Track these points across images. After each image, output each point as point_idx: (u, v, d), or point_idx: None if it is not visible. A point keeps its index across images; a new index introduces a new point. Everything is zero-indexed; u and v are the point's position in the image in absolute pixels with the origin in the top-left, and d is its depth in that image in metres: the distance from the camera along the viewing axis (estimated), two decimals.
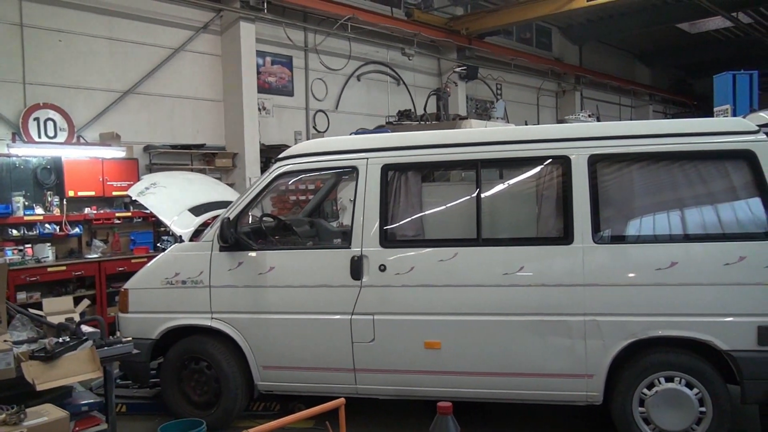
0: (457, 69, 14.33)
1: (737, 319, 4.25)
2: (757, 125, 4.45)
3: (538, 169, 4.87)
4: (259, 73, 11.13)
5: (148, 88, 9.71)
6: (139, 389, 5.91)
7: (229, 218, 5.02)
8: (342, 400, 3.60)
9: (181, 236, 5.37)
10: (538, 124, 16.18)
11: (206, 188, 6.40)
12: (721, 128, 4.59)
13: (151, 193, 5.76)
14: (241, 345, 5.05)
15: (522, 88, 17.72)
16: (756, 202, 4.37)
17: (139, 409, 5.69)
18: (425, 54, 14.57)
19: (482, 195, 4.81)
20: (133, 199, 5.91)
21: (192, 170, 9.75)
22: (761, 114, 4.57)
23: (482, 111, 14.04)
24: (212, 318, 5.09)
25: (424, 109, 11.14)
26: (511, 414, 5.28)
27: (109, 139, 8.85)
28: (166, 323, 5.18)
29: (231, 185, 9.44)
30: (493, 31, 15.15)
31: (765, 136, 4.39)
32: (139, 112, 9.62)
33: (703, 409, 4.34)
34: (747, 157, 4.37)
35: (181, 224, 5.44)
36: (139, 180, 7.60)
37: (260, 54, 11.22)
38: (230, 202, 5.38)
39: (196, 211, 5.64)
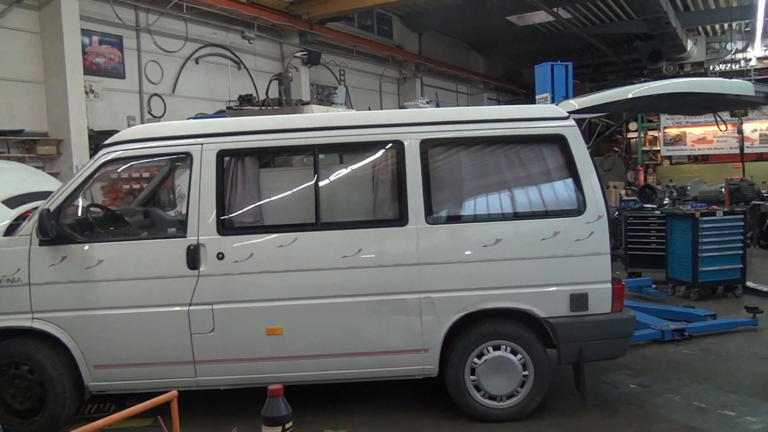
0: (298, 54, 14.25)
1: (553, 289, 4.68)
2: (568, 112, 4.88)
3: (373, 153, 5.01)
4: (85, 53, 10.35)
5: None
6: None
7: (49, 210, 4.65)
8: (174, 393, 3.49)
9: None
10: (381, 110, 16.55)
11: (23, 178, 5.90)
12: (537, 114, 4.99)
13: None
14: (68, 345, 4.72)
15: (365, 74, 18.01)
16: (568, 182, 4.81)
17: None
18: (266, 38, 14.34)
19: (320, 180, 4.85)
20: None
21: (9, 159, 8.87)
22: (571, 101, 5.01)
23: (325, 97, 14.09)
24: (33, 318, 4.70)
25: (266, 94, 10.95)
26: (348, 391, 5.42)
27: None
28: None
29: (55, 174, 8.74)
30: (335, 17, 15.24)
31: (573, 122, 4.84)
32: None
33: (526, 372, 4.74)
34: (559, 141, 4.80)
35: None
36: None
37: (86, 33, 10.42)
38: (52, 193, 4.99)
39: (12, 203, 5.19)
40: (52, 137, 9.74)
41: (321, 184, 4.86)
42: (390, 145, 4.84)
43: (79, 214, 5.26)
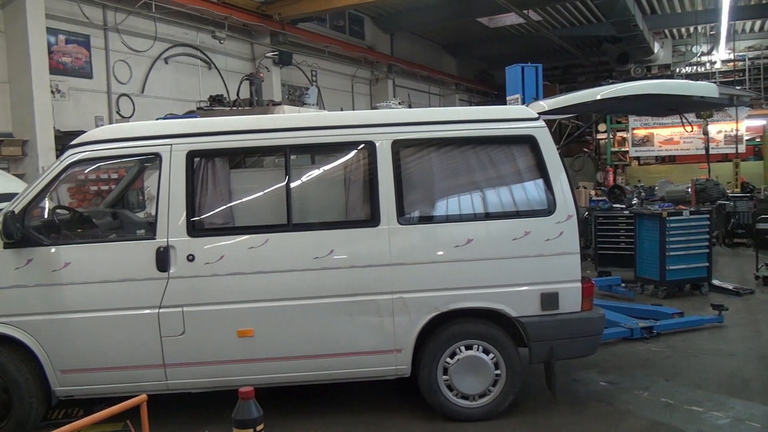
0: (270, 54, 14.16)
1: (524, 289, 4.73)
2: (538, 113, 4.94)
3: (345, 154, 5.00)
4: (51, 52, 10.13)
5: None
6: None
7: (13, 212, 4.55)
8: (144, 396, 3.44)
9: None
10: (353, 110, 16.53)
11: None
12: (508, 115, 5.03)
13: None
14: (34, 350, 4.62)
15: (337, 75, 17.96)
16: (539, 182, 4.87)
17: None
18: (237, 38, 14.21)
19: (292, 181, 4.83)
20: None
21: None
22: (540, 103, 5.07)
23: (296, 97, 14.03)
24: None
25: (237, 95, 10.87)
26: (320, 393, 5.41)
27: None
28: None
29: (21, 176, 8.55)
30: (307, 18, 15.18)
31: (543, 123, 4.89)
32: None
33: (498, 371, 4.78)
34: (529, 141, 4.85)
35: None
36: None
37: (52, 31, 10.20)
38: (16, 195, 4.88)
39: None
40: (17, 138, 9.51)
41: (292, 185, 4.84)
42: (362, 145, 4.84)
43: (46, 216, 5.16)
